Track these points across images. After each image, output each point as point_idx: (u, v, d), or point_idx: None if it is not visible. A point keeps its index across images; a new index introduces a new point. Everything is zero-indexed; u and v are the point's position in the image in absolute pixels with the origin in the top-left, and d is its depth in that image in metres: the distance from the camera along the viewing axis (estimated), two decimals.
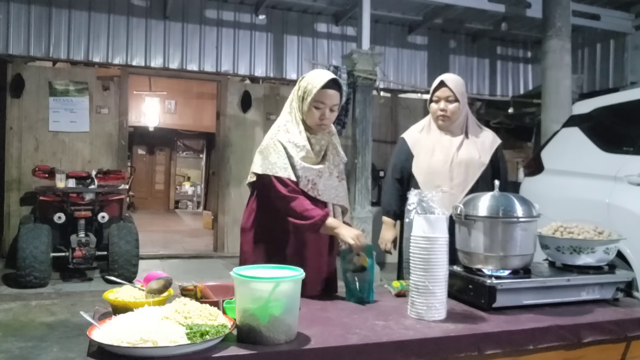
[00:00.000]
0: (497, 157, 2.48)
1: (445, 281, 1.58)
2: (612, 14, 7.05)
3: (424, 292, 1.55)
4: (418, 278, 1.56)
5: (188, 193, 15.06)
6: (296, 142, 1.94)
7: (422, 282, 1.55)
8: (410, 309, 1.60)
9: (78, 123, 6.49)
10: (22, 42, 6.17)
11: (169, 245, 7.82)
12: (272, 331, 1.28)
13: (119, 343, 1.18)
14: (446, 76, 2.43)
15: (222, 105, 7.20)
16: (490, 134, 2.53)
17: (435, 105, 2.42)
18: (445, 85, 2.38)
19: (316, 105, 1.94)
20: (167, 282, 1.61)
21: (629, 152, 3.14)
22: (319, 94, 1.93)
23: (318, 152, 2.01)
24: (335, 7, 7.16)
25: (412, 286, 1.58)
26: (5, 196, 6.27)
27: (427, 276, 1.55)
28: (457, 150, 2.39)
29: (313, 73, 2.02)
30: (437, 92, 2.41)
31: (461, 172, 2.37)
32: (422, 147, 2.46)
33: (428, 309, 1.55)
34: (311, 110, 1.95)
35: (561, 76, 5.70)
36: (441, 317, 1.56)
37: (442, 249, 1.56)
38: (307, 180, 1.95)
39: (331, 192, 2.02)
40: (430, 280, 1.54)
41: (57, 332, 3.74)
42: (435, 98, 2.42)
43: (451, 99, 2.38)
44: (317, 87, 1.93)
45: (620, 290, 1.80)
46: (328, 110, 1.96)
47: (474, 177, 2.38)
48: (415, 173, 2.46)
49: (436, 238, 1.56)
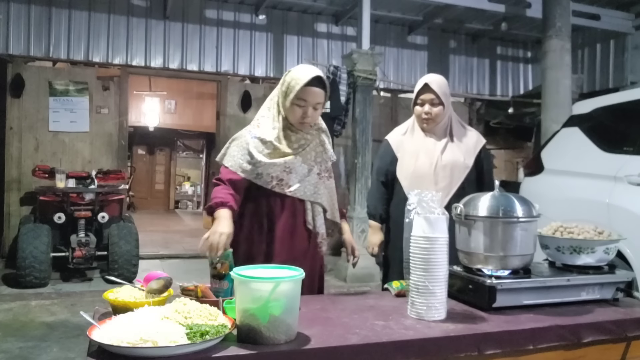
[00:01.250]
0: (481, 158, 2.44)
1: (445, 281, 1.57)
2: (612, 14, 7.05)
3: (424, 292, 1.55)
4: (418, 278, 1.56)
5: (188, 193, 15.06)
6: (263, 138, 1.89)
7: (422, 282, 1.55)
8: (410, 309, 1.59)
9: (78, 123, 6.50)
10: (22, 42, 6.17)
11: (169, 245, 7.82)
12: (272, 331, 1.28)
13: (119, 343, 1.18)
14: (430, 78, 2.38)
15: (222, 105, 7.21)
16: (475, 134, 2.49)
17: (420, 109, 2.38)
18: (430, 88, 2.34)
19: (298, 103, 1.88)
20: (167, 282, 1.60)
21: (629, 152, 3.14)
22: (301, 91, 1.86)
23: (296, 149, 1.94)
24: (335, 7, 7.16)
25: (412, 286, 1.58)
26: (5, 196, 6.27)
27: (427, 276, 1.54)
28: (442, 154, 2.36)
29: (298, 68, 1.93)
30: (421, 95, 2.36)
31: (446, 176, 2.34)
32: (406, 150, 2.43)
33: (428, 309, 1.54)
34: (293, 108, 1.88)
35: (561, 76, 5.70)
36: (441, 317, 1.55)
37: (442, 249, 1.56)
38: (270, 177, 1.89)
39: (308, 189, 1.96)
40: (430, 280, 1.54)
41: (57, 332, 3.74)
42: (420, 101, 2.37)
43: (435, 102, 2.34)
44: (300, 84, 1.85)
45: (620, 290, 1.80)
46: (311, 108, 1.89)
47: (458, 180, 2.36)
48: (399, 177, 2.43)
49: (436, 238, 1.56)
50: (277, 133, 1.91)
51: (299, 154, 1.94)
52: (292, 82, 1.88)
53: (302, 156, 1.94)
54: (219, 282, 1.70)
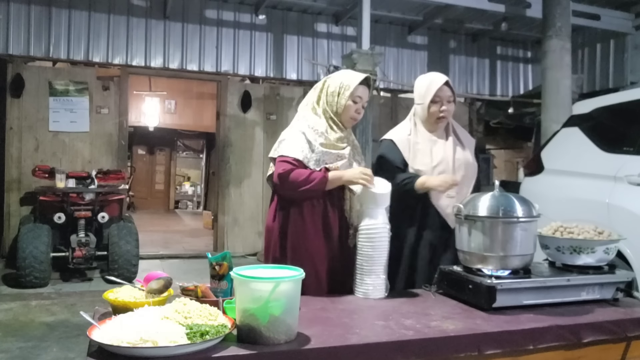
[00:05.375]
0: (476, 156, 2.43)
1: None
2: (612, 14, 7.06)
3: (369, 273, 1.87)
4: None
5: (188, 193, 15.05)
6: (317, 129, 2.04)
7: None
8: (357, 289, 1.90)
9: (78, 123, 6.49)
10: (22, 42, 6.17)
11: (169, 245, 7.82)
12: (272, 331, 1.28)
13: (119, 343, 1.18)
14: (443, 76, 2.32)
15: (222, 105, 7.20)
16: (467, 133, 2.47)
17: (435, 107, 2.27)
18: (448, 86, 2.28)
19: (354, 100, 2.06)
20: (167, 282, 1.61)
21: (629, 152, 3.14)
22: (357, 88, 2.06)
23: (343, 142, 2.09)
24: (335, 7, 7.16)
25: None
26: (5, 196, 6.27)
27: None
28: (454, 153, 2.31)
29: (341, 73, 2.15)
30: (439, 93, 2.26)
31: (462, 175, 2.28)
32: (419, 150, 2.31)
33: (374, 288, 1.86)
34: (349, 104, 2.06)
35: (561, 76, 5.70)
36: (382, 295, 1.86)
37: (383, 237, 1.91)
38: (324, 163, 2.02)
39: None
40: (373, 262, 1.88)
41: (57, 332, 3.74)
42: (437, 99, 2.26)
43: (451, 99, 2.29)
44: (356, 82, 2.05)
45: (620, 290, 1.80)
46: (361, 105, 2.09)
47: (473, 179, 2.32)
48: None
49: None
50: (326, 127, 2.07)
51: (345, 148, 2.11)
52: (345, 81, 2.07)
53: (346, 150, 2.11)
54: (219, 283, 1.71)
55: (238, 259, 1.92)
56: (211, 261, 1.72)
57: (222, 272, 1.69)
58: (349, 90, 2.05)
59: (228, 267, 1.68)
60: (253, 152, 7.24)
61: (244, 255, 6.64)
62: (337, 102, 2.07)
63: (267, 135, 7.24)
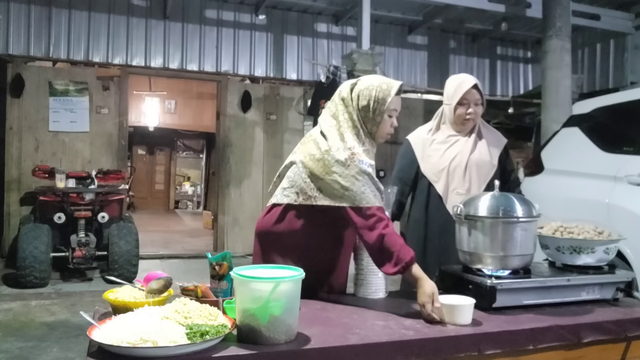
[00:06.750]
0: (505, 158, 2.44)
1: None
2: (612, 14, 7.06)
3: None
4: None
5: (188, 193, 15.05)
6: (371, 163, 1.74)
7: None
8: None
9: (78, 123, 6.49)
10: (22, 42, 6.18)
11: (169, 245, 7.82)
12: (272, 331, 1.28)
13: (119, 343, 1.18)
14: (473, 78, 2.34)
15: (222, 105, 7.20)
16: (497, 134, 2.48)
17: (462, 109, 2.29)
18: (476, 88, 2.30)
19: (390, 114, 1.78)
20: (167, 282, 1.60)
21: (629, 152, 3.14)
22: (394, 101, 1.76)
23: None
24: (335, 7, 7.16)
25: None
26: (5, 196, 6.27)
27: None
28: (471, 152, 2.33)
29: (370, 83, 1.78)
30: (467, 95, 2.28)
31: (475, 175, 2.31)
32: (433, 148, 2.36)
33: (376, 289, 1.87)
34: (384, 120, 1.76)
35: (561, 76, 5.70)
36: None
37: None
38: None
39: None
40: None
41: (57, 332, 3.74)
42: (465, 101, 2.28)
43: (479, 102, 2.31)
44: (392, 94, 1.74)
45: (620, 290, 1.80)
46: (395, 118, 1.81)
47: (487, 179, 2.32)
48: (427, 174, 2.35)
49: None
50: (369, 154, 1.77)
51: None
52: (380, 94, 1.74)
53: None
54: (219, 283, 1.70)
55: (238, 259, 1.93)
56: (211, 261, 1.72)
57: (222, 272, 1.69)
58: (384, 105, 1.74)
59: (228, 267, 1.68)
60: (253, 152, 7.24)
61: (244, 255, 6.64)
62: (371, 119, 1.75)
63: (267, 135, 7.24)
